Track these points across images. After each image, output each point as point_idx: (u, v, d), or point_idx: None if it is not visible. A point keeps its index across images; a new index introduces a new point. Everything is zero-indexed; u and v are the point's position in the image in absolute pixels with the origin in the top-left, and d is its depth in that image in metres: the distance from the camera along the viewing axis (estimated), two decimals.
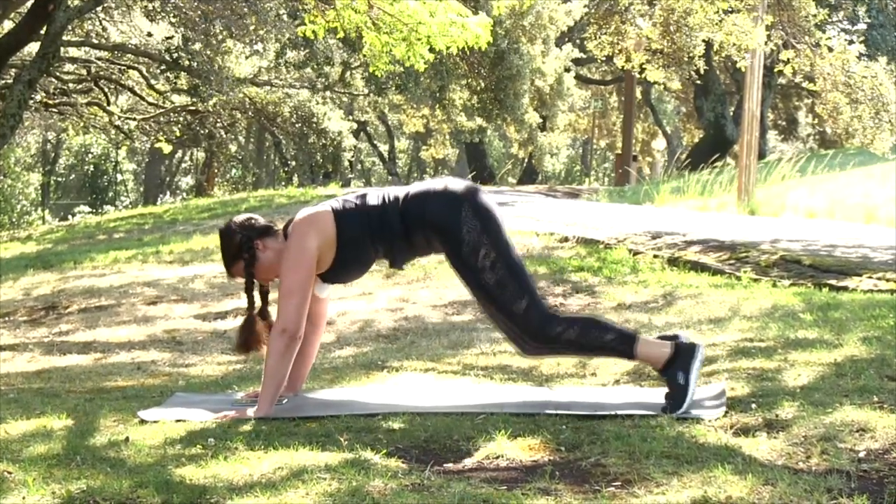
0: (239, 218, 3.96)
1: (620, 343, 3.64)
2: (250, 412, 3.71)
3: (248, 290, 3.90)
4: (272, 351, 3.74)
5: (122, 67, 20.15)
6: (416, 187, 3.86)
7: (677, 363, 3.57)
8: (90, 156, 36.84)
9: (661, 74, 12.40)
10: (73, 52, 19.07)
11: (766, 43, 11.12)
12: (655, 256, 8.48)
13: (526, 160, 32.71)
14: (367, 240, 3.81)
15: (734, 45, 10.48)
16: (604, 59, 14.89)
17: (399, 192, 3.86)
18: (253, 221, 3.92)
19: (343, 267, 3.86)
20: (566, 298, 7.04)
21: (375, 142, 41.26)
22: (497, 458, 3.06)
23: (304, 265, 3.75)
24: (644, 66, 12.08)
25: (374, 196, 3.87)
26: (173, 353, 6.11)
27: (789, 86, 29.89)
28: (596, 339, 3.65)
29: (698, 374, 3.59)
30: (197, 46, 15.90)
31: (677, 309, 6.18)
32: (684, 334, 3.77)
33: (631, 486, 2.70)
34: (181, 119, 22.38)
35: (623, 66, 12.89)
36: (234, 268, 3.90)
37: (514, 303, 3.66)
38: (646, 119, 38.23)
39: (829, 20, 25.12)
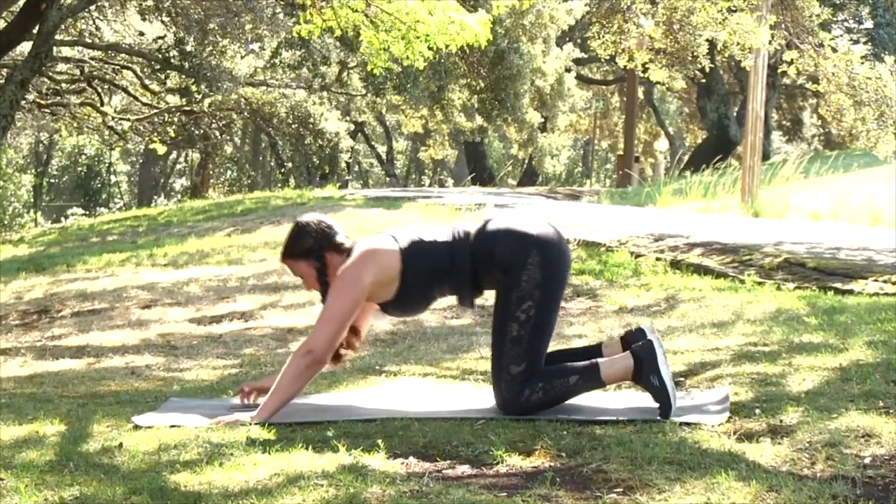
0: (322, 224, 3.86)
1: (586, 380, 3.64)
2: (247, 417, 3.66)
3: (324, 300, 3.81)
4: (290, 367, 3.69)
5: (116, 67, 20.13)
6: (491, 223, 3.79)
7: (644, 368, 3.56)
8: (83, 157, 36.71)
9: (664, 74, 12.38)
10: (66, 51, 19.04)
11: (769, 42, 11.10)
12: (658, 259, 8.44)
13: (526, 161, 32.70)
14: (433, 279, 3.76)
15: (738, 44, 10.47)
16: (606, 58, 14.86)
17: (470, 226, 3.81)
18: (329, 232, 3.85)
19: (405, 302, 3.82)
20: (567, 302, 6.99)
21: (373, 143, 41.32)
22: (497, 463, 3.04)
23: (354, 297, 3.69)
24: (647, 66, 12.06)
25: (444, 233, 3.81)
26: (168, 357, 6.06)
27: (794, 86, 29.82)
28: (561, 388, 3.63)
29: (667, 366, 3.57)
30: (189, 46, 15.84)
31: (680, 312, 6.14)
32: (646, 327, 3.74)
33: (633, 493, 2.69)
34: (176, 120, 22.36)
35: (626, 66, 12.87)
36: (292, 263, 3.86)
37: (513, 362, 3.63)
38: (648, 119, 38.27)
39: (834, 19, 25.10)
